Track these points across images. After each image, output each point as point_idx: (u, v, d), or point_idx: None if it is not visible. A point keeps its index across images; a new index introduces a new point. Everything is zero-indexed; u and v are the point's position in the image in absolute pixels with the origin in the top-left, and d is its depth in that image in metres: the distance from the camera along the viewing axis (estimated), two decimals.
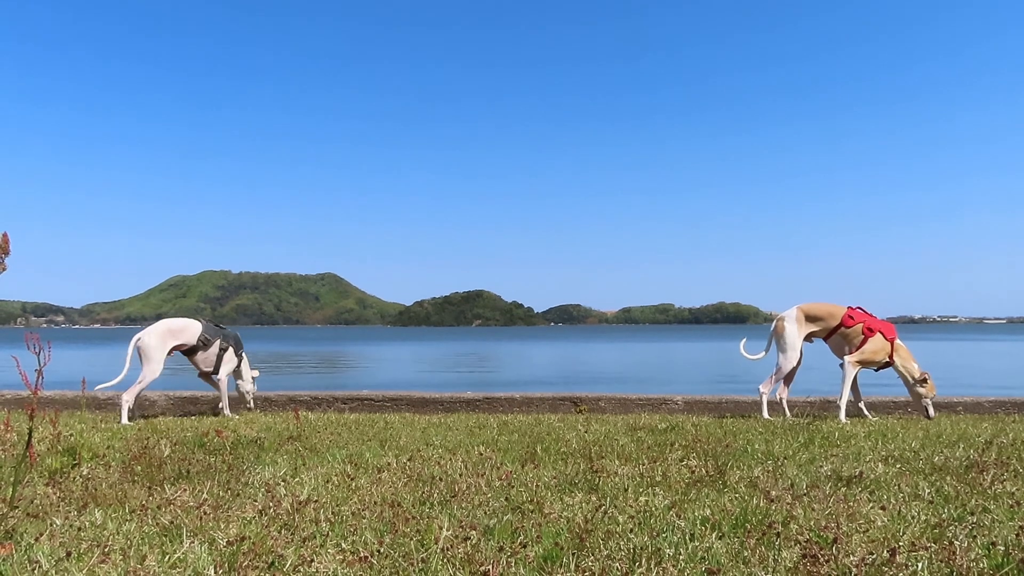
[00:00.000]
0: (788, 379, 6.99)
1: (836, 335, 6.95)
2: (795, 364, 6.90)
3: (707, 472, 3.73)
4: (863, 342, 6.81)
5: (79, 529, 2.73)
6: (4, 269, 2.46)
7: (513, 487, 3.40)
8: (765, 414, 6.75)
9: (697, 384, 18.92)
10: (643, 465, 4.00)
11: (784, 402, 6.92)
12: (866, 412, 6.95)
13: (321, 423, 6.13)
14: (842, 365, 6.83)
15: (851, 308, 6.97)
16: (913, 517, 2.83)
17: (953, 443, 4.75)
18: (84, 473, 3.79)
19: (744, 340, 7.10)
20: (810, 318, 7.00)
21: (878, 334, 6.81)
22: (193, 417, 6.77)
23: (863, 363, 6.80)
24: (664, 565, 2.26)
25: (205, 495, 3.25)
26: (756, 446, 4.66)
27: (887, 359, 6.83)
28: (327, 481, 3.57)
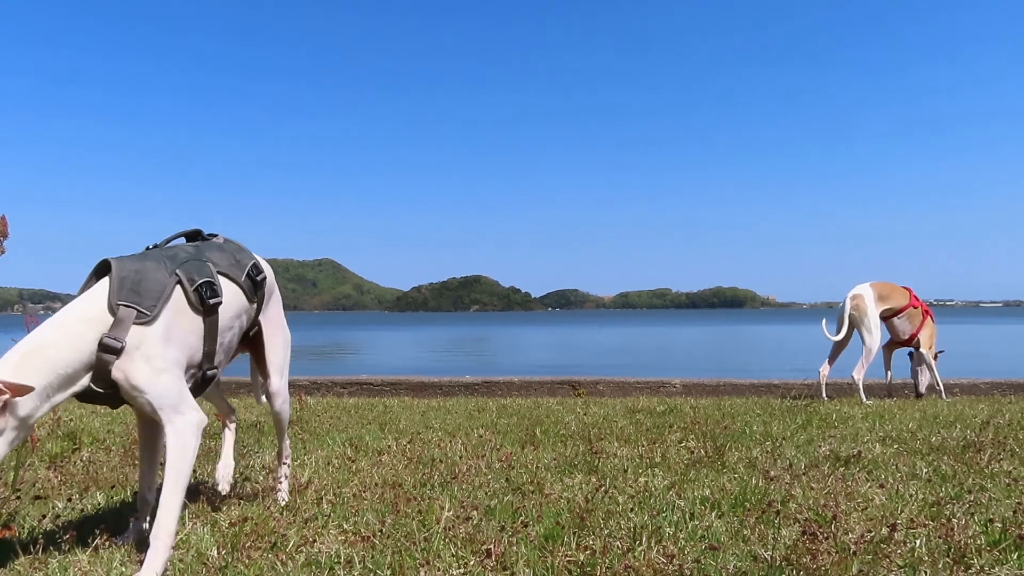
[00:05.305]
0: (832, 358, 6.81)
1: (903, 316, 6.81)
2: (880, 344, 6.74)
3: (706, 453, 3.75)
4: (922, 324, 6.81)
5: (81, 512, 2.74)
6: (3, 252, 2.45)
7: (513, 468, 3.42)
8: (864, 399, 6.38)
9: (695, 368, 18.96)
10: (642, 447, 4.02)
11: (824, 380, 6.72)
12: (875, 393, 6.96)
13: (321, 407, 6.14)
14: (912, 354, 6.89)
15: (909, 289, 6.90)
16: (911, 496, 2.85)
17: (950, 424, 4.78)
18: (85, 457, 3.80)
19: (824, 320, 6.89)
20: (882, 297, 6.77)
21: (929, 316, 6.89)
22: None
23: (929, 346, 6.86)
24: (665, 543, 2.28)
25: (206, 478, 3.26)
26: (754, 427, 4.68)
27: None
28: (328, 464, 3.59)
